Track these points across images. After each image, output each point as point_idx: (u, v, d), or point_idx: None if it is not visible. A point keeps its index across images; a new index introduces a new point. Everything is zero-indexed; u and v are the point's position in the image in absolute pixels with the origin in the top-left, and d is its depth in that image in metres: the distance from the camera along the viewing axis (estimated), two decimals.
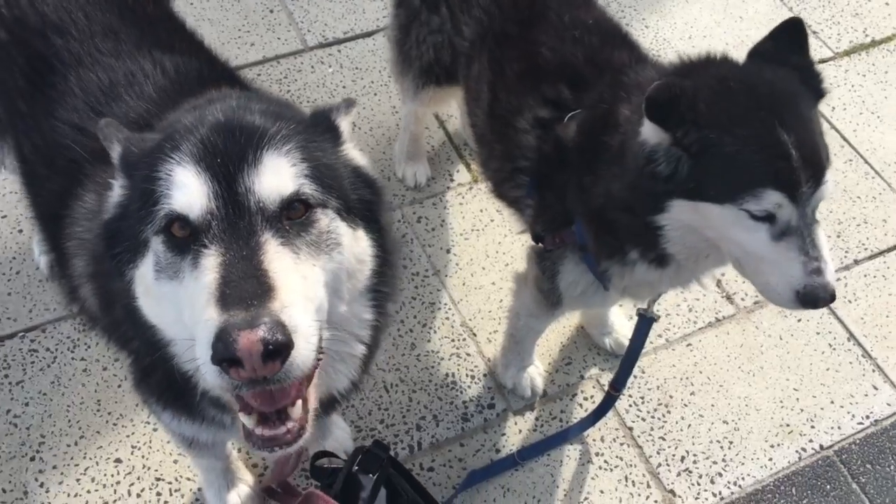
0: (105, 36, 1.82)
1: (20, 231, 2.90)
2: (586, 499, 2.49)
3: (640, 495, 2.52)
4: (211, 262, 1.17)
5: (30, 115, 1.80)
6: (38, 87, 1.78)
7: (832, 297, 1.69)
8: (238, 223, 1.20)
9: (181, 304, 1.22)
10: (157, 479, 2.40)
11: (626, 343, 2.72)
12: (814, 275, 1.66)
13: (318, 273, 1.25)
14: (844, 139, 3.49)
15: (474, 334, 2.80)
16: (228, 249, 1.17)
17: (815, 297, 1.67)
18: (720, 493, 2.54)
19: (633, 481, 2.54)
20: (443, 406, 2.64)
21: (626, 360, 2.34)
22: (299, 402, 1.25)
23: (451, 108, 3.34)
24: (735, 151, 1.63)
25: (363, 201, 1.40)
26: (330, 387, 1.53)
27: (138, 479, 2.40)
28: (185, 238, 1.22)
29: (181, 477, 2.41)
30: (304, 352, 1.13)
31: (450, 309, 2.86)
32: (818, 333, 2.92)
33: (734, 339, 2.88)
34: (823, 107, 3.53)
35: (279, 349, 1.08)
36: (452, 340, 2.78)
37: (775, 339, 2.89)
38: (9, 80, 1.84)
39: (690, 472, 2.58)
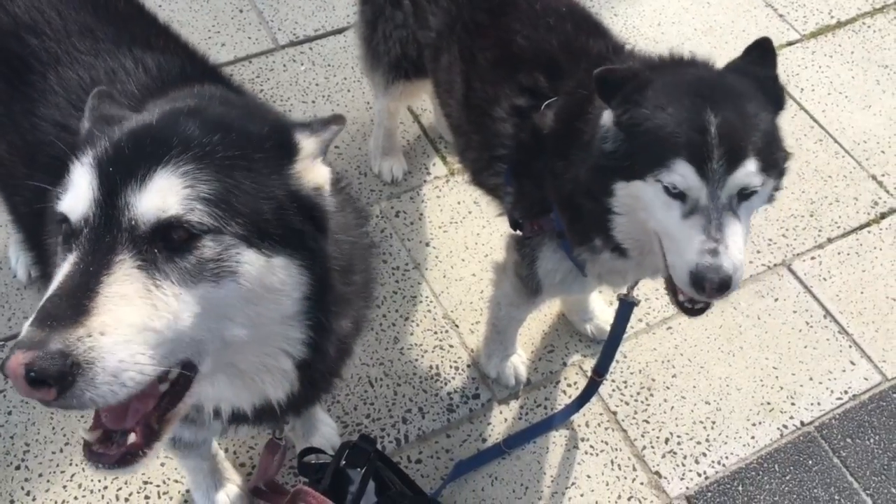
0: (82, 34, 1.81)
1: None
2: (573, 484, 2.52)
3: (626, 478, 2.55)
4: (62, 271, 1.15)
5: (6, 116, 1.80)
6: (16, 87, 1.77)
7: (723, 284, 1.62)
8: (104, 237, 1.16)
9: None
10: (145, 483, 2.40)
11: (608, 329, 2.74)
12: (707, 255, 1.63)
13: (183, 302, 1.18)
14: (814, 120, 3.54)
15: (457, 326, 2.82)
16: (81, 261, 1.14)
17: (702, 277, 1.62)
18: (705, 472, 2.58)
19: (618, 465, 2.57)
20: (428, 398, 2.65)
21: (609, 345, 2.37)
22: (134, 435, 1.21)
23: (426, 102, 3.35)
24: (659, 126, 1.68)
25: (291, 229, 1.32)
26: (263, 396, 1.50)
27: (126, 483, 2.39)
28: (66, 238, 1.22)
29: (169, 479, 2.41)
30: (100, 382, 1.07)
31: (431, 302, 2.87)
32: (795, 312, 2.96)
33: (713, 321, 2.91)
34: (792, 89, 3.60)
35: (46, 378, 1.03)
36: (435, 333, 2.80)
37: (753, 320, 2.93)
38: None
39: (675, 453, 2.61)
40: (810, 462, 2.63)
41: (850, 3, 4.03)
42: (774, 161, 1.72)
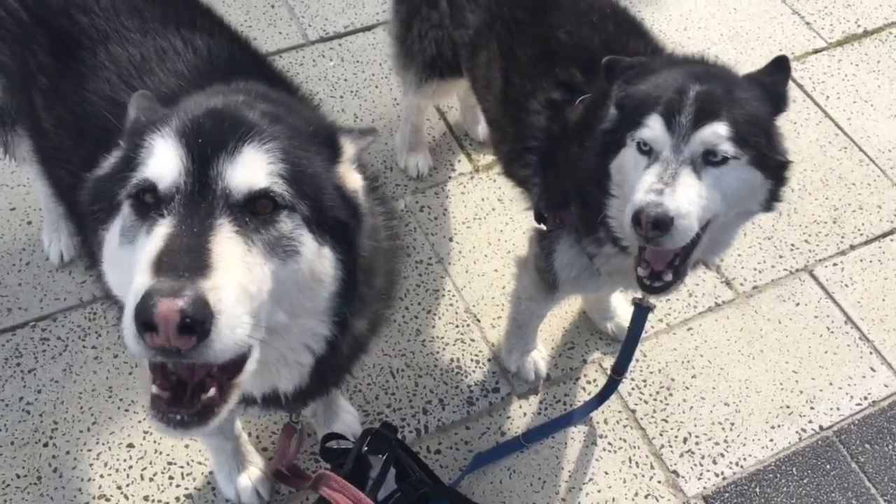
0: (129, 13, 1.86)
1: (29, 223, 2.93)
2: (591, 479, 2.54)
3: (643, 476, 2.56)
4: (161, 231, 1.18)
5: (52, 90, 1.84)
6: (65, 62, 1.82)
7: (659, 220, 1.64)
8: (200, 203, 1.21)
9: (132, 269, 1.22)
10: (169, 464, 2.44)
11: (623, 323, 2.79)
12: (651, 193, 1.67)
13: (265, 274, 1.23)
14: (839, 127, 3.54)
15: (478, 320, 2.85)
16: (181, 223, 1.18)
17: (640, 211, 1.66)
18: (722, 472, 2.59)
19: (636, 462, 2.59)
20: (448, 390, 2.68)
21: (626, 347, 2.38)
22: (214, 390, 1.21)
23: (452, 99, 3.38)
24: (645, 93, 1.78)
25: (339, 221, 1.37)
26: (272, 387, 1.54)
27: (150, 463, 2.44)
28: (149, 206, 1.25)
29: (192, 461, 2.45)
30: (224, 337, 1.10)
31: (454, 296, 2.90)
32: (816, 317, 2.97)
33: (734, 324, 2.93)
34: (818, 96, 3.61)
35: (196, 324, 1.06)
36: (457, 326, 2.83)
37: (774, 323, 2.94)
38: (28, 58, 1.87)
39: (693, 452, 2.62)
40: (828, 466, 2.63)
41: (878, 12, 4.03)
42: (756, 144, 1.74)
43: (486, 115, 2.49)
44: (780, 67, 1.86)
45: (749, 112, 1.76)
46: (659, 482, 2.56)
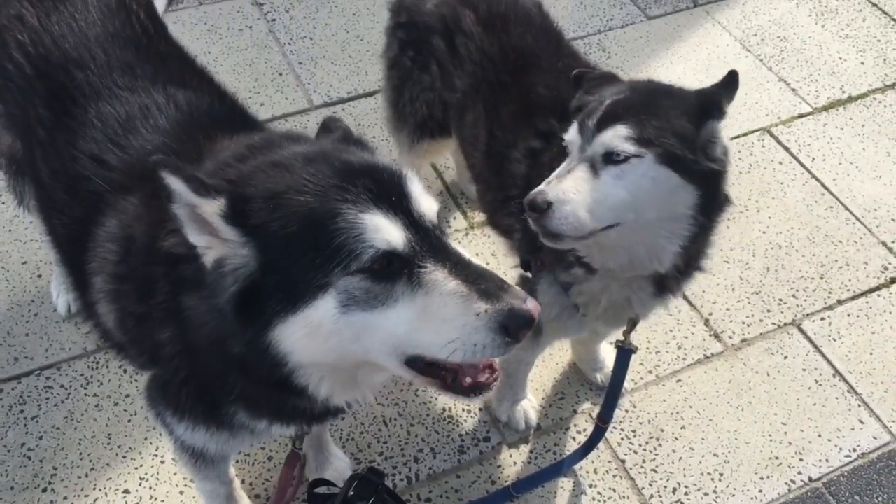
0: (122, 71, 1.96)
1: (39, 276, 3.05)
2: None
3: None
4: (439, 275, 1.37)
5: (49, 143, 1.93)
6: (60, 117, 1.92)
7: (533, 203, 1.84)
8: (429, 241, 1.40)
9: (389, 323, 1.39)
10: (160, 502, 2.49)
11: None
12: (543, 184, 1.88)
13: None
14: (825, 188, 3.65)
15: None
16: (440, 262, 1.38)
17: (526, 198, 1.86)
18: None
19: None
20: (440, 439, 2.73)
21: (610, 392, 2.44)
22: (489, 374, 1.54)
23: (448, 160, 3.52)
24: (584, 102, 1.98)
25: None
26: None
27: None
28: (390, 269, 1.37)
29: None
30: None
31: None
32: (804, 370, 3.01)
33: (722, 376, 2.97)
34: (804, 158, 3.72)
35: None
36: None
37: (762, 376, 2.98)
38: (30, 110, 1.98)
39: (682, 503, 2.64)
40: None
41: (861, 79, 4.19)
42: (665, 144, 1.81)
43: (472, 172, 2.62)
44: (729, 81, 1.92)
45: (662, 116, 1.85)
46: None
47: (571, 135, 1.91)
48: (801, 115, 3.98)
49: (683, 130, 1.84)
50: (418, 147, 2.91)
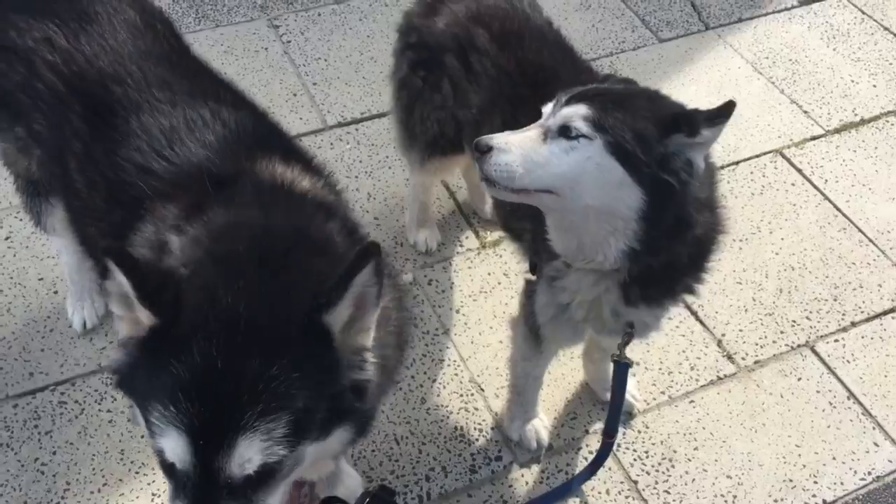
0: (160, 86, 2.01)
1: (55, 292, 3.08)
2: None
3: None
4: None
5: (86, 154, 1.98)
6: (99, 129, 1.96)
7: (477, 142, 1.96)
8: (206, 490, 1.34)
9: None
10: None
11: (630, 399, 2.84)
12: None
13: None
14: (838, 209, 3.65)
15: (482, 390, 2.91)
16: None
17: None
18: None
19: None
20: (451, 458, 2.72)
21: (612, 406, 2.45)
22: None
23: (460, 180, 3.55)
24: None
25: (345, 407, 1.47)
26: None
27: None
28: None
29: None
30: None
31: (459, 366, 2.98)
32: (818, 392, 2.99)
33: (736, 397, 2.96)
34: (817, 180, 3.72)
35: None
36: (461, 395, 2.89)
37: (776, 398, 2.97)
38: (64, 125, 2.02)
39: None
40: None
41: (874, 102, 4.19)
42: (617, 136, 1.85)
43: None
44: (722, 108, 1.92)
45: (630, 113, 1.87)
46: None
47: (547, 107, 1.99)
48: (813, 138, 3.99)
49: (644, 132, 1.86)
50: (429, 165, 2.94)
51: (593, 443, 2.79)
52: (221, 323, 1.37)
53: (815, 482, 2.75)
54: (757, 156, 3.87)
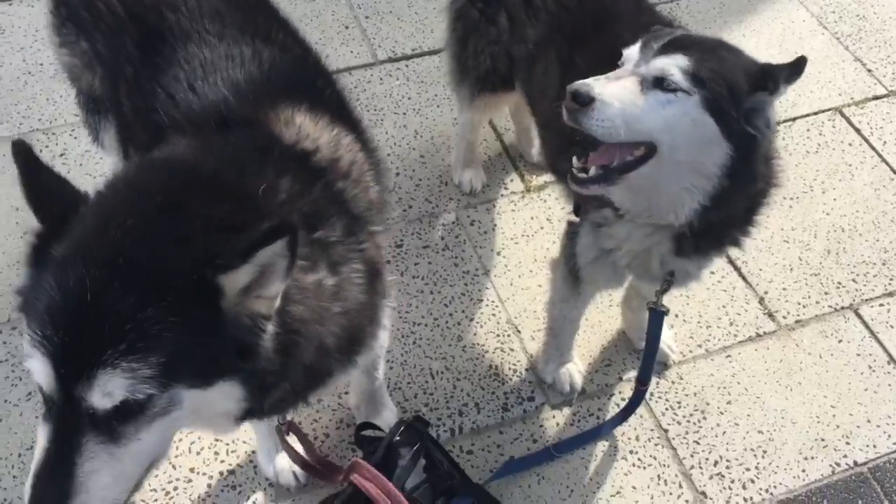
0: (212, 17, 2.00)
1: None
2: (619, 493, 2.58)
3: (671, 494, 2.59)
4: (39, 444, 1.34)
5: (135, 79, 2.00)
6: (148, 55, 1.98)
7: (577, 91, 1.82)
8: (69, 416, 1.31)
9: None
10: (216, 440, 2.58)
11: (665, 349, 2.84)
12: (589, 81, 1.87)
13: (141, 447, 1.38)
14: (895, 172, 3.54)
15: (518, 331, 2.94)
16: (52, 440, 1.32)
17: (570, 87, 1.84)
18: (751, 498, 2.60)
19: (665, 480, 2.62)
20: (484, 395, 2.76)
21: (647, 353, 2.47)
22: None
23: (508, 122, 3.52)
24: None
25: (228, 363, 1.40)
26: None
27: (199, 438, 2.58)
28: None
29: (237, 439, 2.58)
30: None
31: (497, 306, 3.00)
32: (858, 355, 2.96)
33: (773, 355, 2.94)
34: (875, 141, 3.61)
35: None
36: (497, 336, 2.92)
37: (815, 358, 2.94)
38: (120, 49, 2.05)
39: (723, 476, 2.64)
40: (860, 501, 2.61)
41: None
42: (714, 91, 1.81)
43: (537, 120, 2.63)
44: (795, 64, 1.90)
45: (722, 67, 1.84)
46: (686, 501, 2.58)
47: (632, 51, 1.91)
48: (875, 97, 3.86)
49: (736, 86, 1.83)
50: (479, 101, 2.92)
51: (626, 390, 2.81)
52: (102, 254, 1.33)
53: (848, 443, 2.74)
54: (815, 113, 3.76)
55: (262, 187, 1.56)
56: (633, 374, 2.85)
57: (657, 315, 2.38)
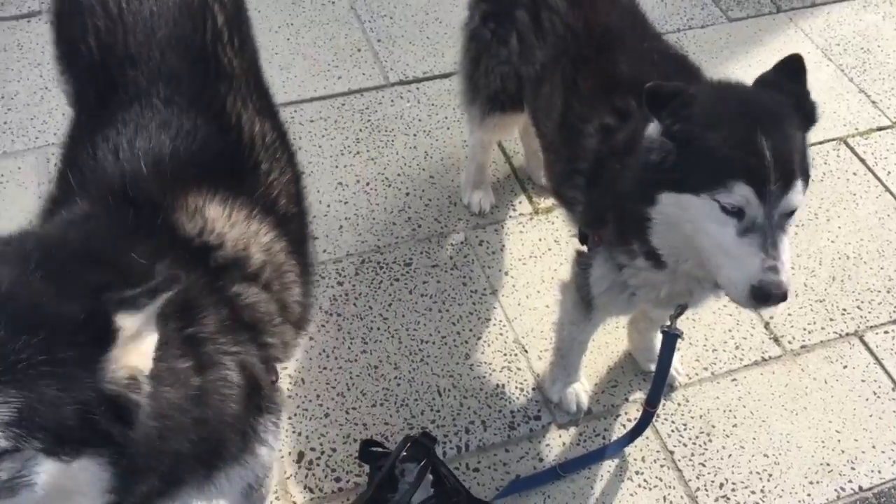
0: (168, 80, 1.88)
1: None
2: None
3: None
4: None
5: (82, 130, 1.94)
6: (100, 108, 1.91)
7: (784, 296, 1.80)
8: None
9: None
10: None
11: (672, 371, 2.86)
12: (770, 272, 1.78)
13: None
14: None
15: (526, 351, 2.95)
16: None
17: (767, 292, 1.79)
18: None
19: (671, 501, 2.62)
20: (491, 413, 2.77)
21: (658, 376, 2.47)
22: None
23: (517, 145, 3.57)
24: (715, 146, 1.83)
25: (96, 430, 1.23)
26: None
27: None
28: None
29: None
30: None
31: (504, 326, 3.02)
32: (863, 381, 2.97)
33: (779, 379, 2.95)
34: (880, 171, 3.66)
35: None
36: (504, 355, 2.93)
37: (820, 383, 2.96)
38: (85, 94, 2.00)
39: (728, 498, 2.64)
40: None
41: None
42: (808, 179, 1.85)
43: (542, 143, 2.66)
44: (795, 68, 1.93)
45: (803, 152, 1.87)
46: None
47: (750, 200, 1.79)
48: (879, 128, 3.91)
49: (806, 154, 1.90)
50: (489, 120, 2.97)
51: (632, 411, 2.82)
52: None
53: (853, 468, 2.74)
54: (820, 142, 3.81)
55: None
56: (639, 395, 2.86)
57: (670, 338, 2.38)
